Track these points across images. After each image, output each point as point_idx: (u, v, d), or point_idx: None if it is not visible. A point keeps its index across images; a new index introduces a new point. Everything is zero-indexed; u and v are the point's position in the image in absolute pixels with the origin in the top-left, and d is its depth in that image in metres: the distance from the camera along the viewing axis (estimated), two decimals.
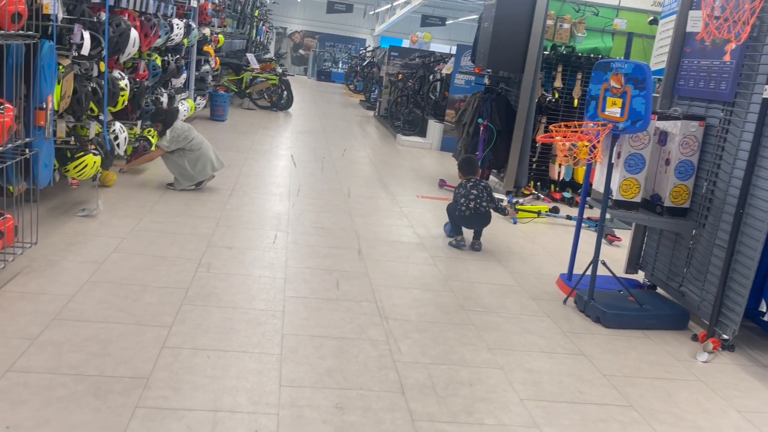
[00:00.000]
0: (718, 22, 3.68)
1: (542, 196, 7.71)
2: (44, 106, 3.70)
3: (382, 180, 7.83)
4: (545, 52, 7.55)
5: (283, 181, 6.99)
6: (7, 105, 3.28)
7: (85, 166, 4.63)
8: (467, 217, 5.28)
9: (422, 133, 11.74)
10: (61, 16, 4.14)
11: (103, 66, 4.72)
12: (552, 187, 7.91)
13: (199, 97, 10.15)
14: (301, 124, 12.31)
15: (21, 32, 3.32)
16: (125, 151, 5.78)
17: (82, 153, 4.60)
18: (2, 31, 3.15)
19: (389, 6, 25.52)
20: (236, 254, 4.46)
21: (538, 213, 6.70)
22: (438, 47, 26.80)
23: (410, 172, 8.65)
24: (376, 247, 5.04)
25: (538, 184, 7.94)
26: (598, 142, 3.92)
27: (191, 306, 3.51)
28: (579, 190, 7.64)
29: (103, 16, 4.66)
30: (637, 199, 4.15)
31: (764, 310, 3.78)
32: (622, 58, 7.83)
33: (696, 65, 4.21)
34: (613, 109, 3.84)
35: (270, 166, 7.77)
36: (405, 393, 2.90)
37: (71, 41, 4.19)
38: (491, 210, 5.36)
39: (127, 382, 2.70)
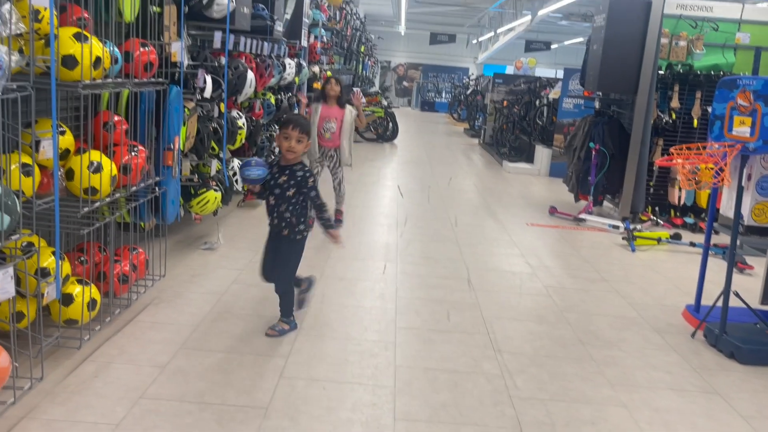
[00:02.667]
0: None
1: (662, 222, 7.31)
2: (172, 146, 3.96)
3: (489, 208, 7.73)
4: (660, 72, 7.22)
5: (391, 212, 7.06)
6: (140, 147, 3.55)
7: (207, 201, 4.89)
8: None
9: (529, 159, 11.52)
10: (186, 62, 4.44)
11: (223, 107, 5.01)
12: (672, 212, 7.48)
13: None
14: (407, 155, 12.45)
15: (152, 80, 3.59)
16: (243, 186, 6.06)
17: (205, 189, 4.87)
18: (136, 80, 3.42)
19: (492, 34, 25.46)
20: (348, 285, 4.53)
21: (658, 240, 6.34)
22: (543, 72, 26.36)
23: (518, 200, 8.49)
24: (487, 277, 4.96)
25: (657, 209, 7.54)
26: (726, 164, 3.67)
27: (306, 336, 3.59)
28: (702, 215, 7.18)
29: (223, 60, 4.96)
30: None
31: None
32: (748, 74, 7.34)
33: None
34: (742, 129, 3.59)
35: (377, 197, 7.88)
36: (523, 430, 2.80)
37: (195, 85, 4.48)
38: (300, 227, 3.63)
39: (247, 411, 2.78)
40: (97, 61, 2.88)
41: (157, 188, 3.85)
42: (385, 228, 6.31)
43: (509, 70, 27.90)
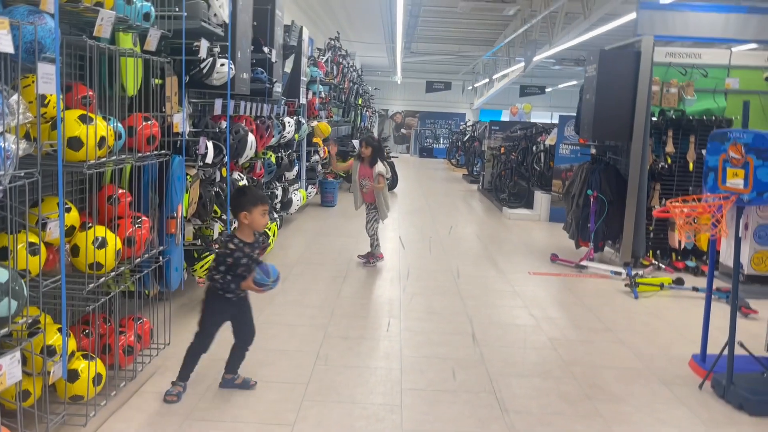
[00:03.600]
0: None
1: (663, 266, 7.32)
2: (175, 215, 4.02)
3: (491, 257, 7.75)
4: (653, 118, 7.34)
5: (393, 264, 7.09)
6: (144, 218, 3.60)
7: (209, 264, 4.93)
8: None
9: (529, 204, 11.60)
10: (188, 130, 4.54)
11: (225, 171, 5.09)
12: (673, 255, 7.50)
13: (310, 186, 10.63)
14: (407, 203, 12.53)
15: (155, 152, 3.68)
16: None
17: (208, 253, 4.92)
18: (139, 154, 3.50)
19: (487, 80, 25.94)
20: (352, 345, 4.52)
21: (661, 285, 6.34)
22: (539, 115, 26.73)
23: (520, 247, 8.52)
24: (491, 331, 4.95)
25: (658, 253, 7.56)
26: (722, 215, 3.71)
27: (311, 402, 3.58)
28: (704, 257, 7.19)
29: (224, 124, 5.07)
30: None
31: None
32: (738, 117, 7.46)
33: None
34: (735, 181, 3.65)
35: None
36: None
37: (197, 152, 4.57)
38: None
39: None
40: (102, 141, 2.95)
41: (161, 257, 3.89)
42: (388, 282, 6.32)
43: (505, 114, 28.33)
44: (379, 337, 4.72)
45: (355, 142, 13.22)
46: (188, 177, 4.41)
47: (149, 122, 3.57)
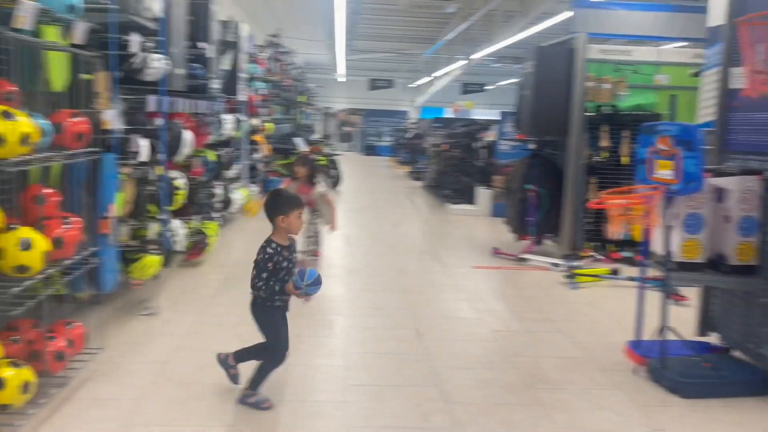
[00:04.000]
0: (764, 77, 3.62)
1: (601, 258, 7.53)
2: (108, 214, 3.88)
3: (435, 252, 7.82)
4: (588, 114, 7.54)
5: (338, 262, 7.06)
6: (74, 218, 3.46)
7: (147, 266, 4.79)
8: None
9: (471, 200, 11.75)
10: (120, 127, 4.39)
11: (160, 169, 4.95)
12: (610, 247, 7.72)
13: (251, 185, 10.46)
14: (352, 201, 12.51)
15: (85, 150, 3.54)
16: (184, 246, 5.97)
17: (144, 254, 4.77)
18: (68, 152, 3.36)
19: (429, 78, 26.16)
20: (296, 343, 4.45)
21: (598, 276, 6.52)
22: (481, 113, 27.13)
23: (462, 242, 8.62)
24: (435, 325, 4.99)
25: (596, 244, 7.76)
26: (652, 206, 3.84)
27: None
28: (639, 248, 7.43)
29: (159, 122, 4.93)
30: (701, 260, 4.01)
31: None
32: (667, 112, 7.74)
33: (747, 119, 4.13)
34: (664, 172, 3.78)
35: (324, 247, 7.85)
36: None
37: (130, 150, 4.43)
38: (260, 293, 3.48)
39: None
40: (25, 138, 2.82)
41: (93, 258, 3.75)
42: (333, 279, 6.28)
43: (447, 112, 28.61)
44: (323, 334, 4.69)
45: (297, 140, 13.13)
46: (121, 176, 4.27)
47: (78, 119, 3.44)
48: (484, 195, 11.20)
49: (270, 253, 3.40)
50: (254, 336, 4.53)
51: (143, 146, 4.52)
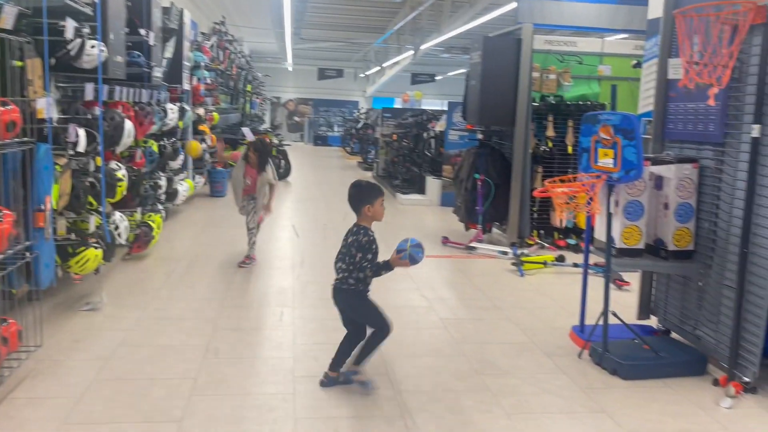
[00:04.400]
0: (699, 68, 3.74)
1: (547, 245, 7.68)
2: (43, 207, 3.74)
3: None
4: (534, 104, 7.66)
5: (287, 254, 6.99)
6: (6, 211, 3.32)
7: (87, 260, 4.64)
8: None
9: (421, 190, 11.81)
10: (56, 116, 4.23)
11: (99, 160, 4.79)
12: (555, 234, 7.89)
13: (197, 176, 10.26)
14: (301, 192, 12.41)
15: (17, 140, 3.39)
16: (127, 239, 5.81)
17: (84, 248, 4.62)
18: None
19: (378, 68, 26.11)
20: (243, 336, 4.41)
21: (544, 263, 6.65)
22: (430, 103, 27.26)
23: (412, 231, 8.65)
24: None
25: (542, 232, 7.93)
26: (594, 193, 3.92)
27: (201, 396, 3.45)
28: (583, 235, 7.61)
29: (97, 111, 4.76)
30: (641, 246, 4.13)
31: None
32: (609, 102, 7.93)
33: (683, 109, 4.26)
34: (606, 160, 3.86)
35: (272, 239, 7.78)
36: None
37: (67, 140, 4.27)
38: (353, 284, 3.59)
39: None
40: None
41: (28, 253, 3.60)
42: (281, 271, 6.22)
43: (398, 102, 28.66)
44: (271, 327, 4.64)
45: (245, 130, 12.91)
46: (57, 167, 4.11)
47: (8, 107, 3.28)
48: (433, 185, 11.27)
49: (372, 237, 3.53)
50: (200, 330, 4.46)
51: (80, 136, 4.36)
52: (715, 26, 3.70)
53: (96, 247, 4.72)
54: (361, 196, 3.57)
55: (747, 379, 3.69)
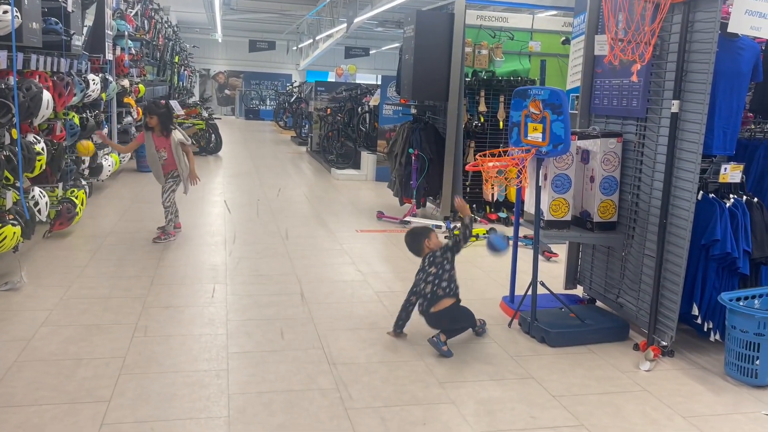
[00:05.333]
0: (623, 45, 3.85)
1: (479, 219, 7.83)
2: None
3: (319, 217, 7.79)
4: (467, 79, 7.73)
5: (218, 230, 6.86)
6: None
7: (5, 237, 4.41)
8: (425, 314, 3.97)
9: (356, 165, 11.79)
10: None
11: (15, 133, 4.54)
12: (487, 208, 8.05)
13: None
14: (233, 167, 12.16)
15: None
16: (48, 216, 5.55)
17: (0, 225, 4.39)
18: None
19: (311, 41, 25.71)
20: (174, 314, 4.32)
21: (476, 236, 6.78)
22: (364, 77, 27.12)
23: (348, 207, 8.65)
24: (319, 289, 4.99)
25: (474, 206, 8.06)
26: (524, 167, 4.01)
27: (130, 375, 3.37)
28: (513, 209, 7.80)
29: (11, 80, 4.50)
30: (568, 218, 4.26)
31: (696, 313, 3.92)
32: (539, 78, 8.10)
33: (608, 85, 4.39)
34: (535, 135, 3.95)
35: (203, 215, 7.61)
36: None
37: None
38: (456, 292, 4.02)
39: None
40: None
41: None
42: (213, 247, 6.11)
43: (331, 76, 28.35)
44: (202, 303, 4.55)
45: (173, 103, 12.52)
46: None
47: None
48: (368, 160, 11.26)
49: (438, 252, 4.06)
50: (129, 308, 4.35)
51: None
52: (639, 4, 3.82)
53: (14, 224, 4.49)
54: (418, 242, 4.14)
55: (665, 344, 3.89)
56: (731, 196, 3.87)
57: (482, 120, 7.84)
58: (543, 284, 4.24)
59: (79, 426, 2.86)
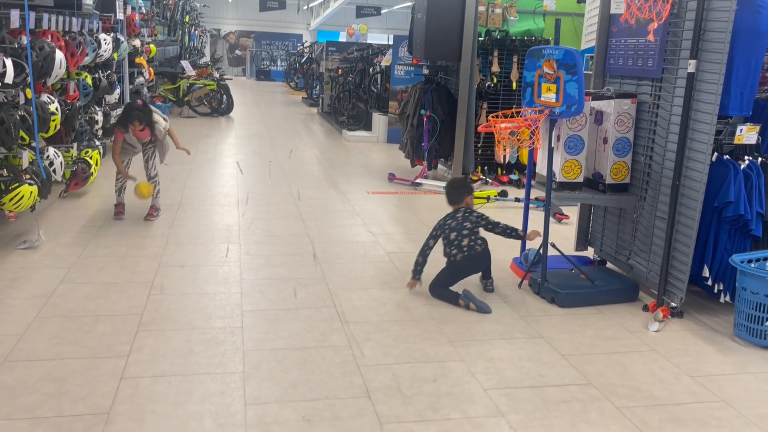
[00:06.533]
0: (640, 3, 3.79)
1: (490, 181, 7.82)
2: None
3: (331, 179, 7.81)
4: (480, 38, 7.63)
5: (231, 191, 6.90)
6: None
7: (22, 197, 4.48)
8: (461, 263, 4.17)
9: (368, 126, 11.74)
10: None
11: (29, 92, 4.56)
12: (499, 170, 8.03)
13: None
14: (245, 128, 12.16)
15: None
16: (63, 176, 5.61)
17: (17, 184, 4.45)
18: None
19: (322, 0, 25.35)
20: (189, 272, 4.39)
21: (488, 198, 6.79)
22: (375, 37, 26.78)
23: (359, 168, 8.65)
24: (331, 249, 5.04)
25: (486, 168, 8.05)
26: (537, 128, 3.99)
27: (147, 332, 3.45)
28: (525, 171, 7.78)
29: (24, 40, 4.50)
30: (580, 179, 4.25)
31: (707, 275, 3.94)
32: (553, 38, 7.98)
33: (623, 44, 4.33)
34: (549, 95, 3.92)
35: (216, 176, 7.66)
36: (371, 397, 2.92)
37: None
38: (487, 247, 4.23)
39: (87, 419, 2.64)
40: None
41: None
42: (226, 208, 6.16)
43: (342, 36, 28.02)
44: (217, 263, 4.62)
45: (184, 63, 12.48)
46: None
47: None
48: (380, 121, 11.21)
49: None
50: (145, 267, 4.43)
51: (8, 66, 4.13)
52: None
53: (30, 184, 4.55)
54: (465, 193, 4.28)
55: (674, 305, 3.92)
56: (746, 157, 3.84)
57: (495, 81, 7.76)
58: (553, 245, 4.26)
59: (100, 379, 2.95)
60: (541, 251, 4.21)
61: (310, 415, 2.75)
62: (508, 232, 4.27)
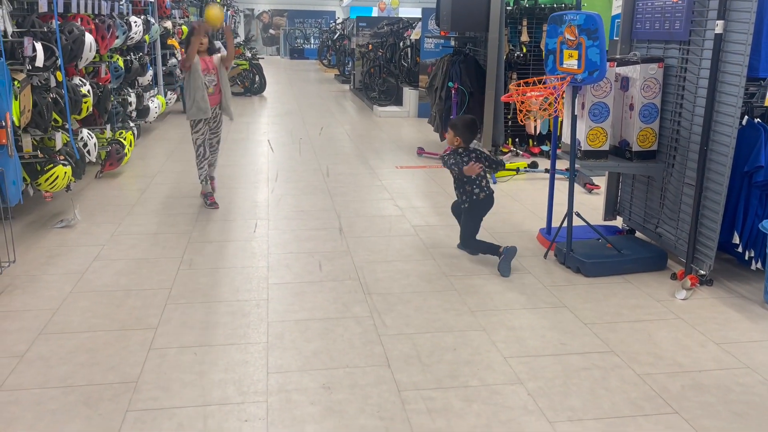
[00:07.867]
0: None
1: (521, 152, 7.73)
2: (3, 123, 3.69)
3: (361, 155, 7.83)
4: (508, 8, 7.49)
5: (262, 168, 6.99)
6: None
7: (56, 177, 4.63)
8: (484, 201, 4.26)
9: (398, 101, 11.70)
10: (10, 30, 4.09)
11: (60, 75, 4.69)
12: (530, 141, 7.93)
13: (169, 92, 10.06)
14: (277, 107, 12.24)
15: None
16: (98, 157, 5.77)
17: (52, 165, 4.60)
18: None
19: None
20: (217, 248, 4.49)
21: (517, 170, 6.73)
22: (407, 11, 26.49)
23: (389, 144, 8.65)
24: (357, 223, 5.08)
25: (516, 140, 7.96)
26: (560, 96, 3.93)
27: (175, 305, 3.56)
28: None
29: (53, 24, 4.61)
30: (606, 147, 4.18)
31: (737, 242, 3.85)
32: (583, 6, 7.77)
33: (650, 7, 4.20)
34: (571, 62, 3.85)
35: (247, 154, 7.76)
36: (390, 365, 2.96)
37: (23, 54, 4.15)
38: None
39: (116, 388, 2.75)
40: None
41: None
42: (256, 185, 6.25)
43: (375, 11, 27.80)
44: (245, 238, 4.71)
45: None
46: (16, 82, 4.02)
47: None
48: (410, 96, 11.15)
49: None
50: (175, 243, 4.55)
51: (38, 50, 4.24)
52: None
53: (65, 165, 4.70)
54: (477, 130, 4.31)
55: (703, 272, 3.85)
56: None
57: (524, 50, 7.63)
58: (578, 215, 4.21)
59: (130, 350, 3.06)
60: (566, 221, 4.17)
61: (330, 383, 2.80)
62: (494, 166, 4.33)
